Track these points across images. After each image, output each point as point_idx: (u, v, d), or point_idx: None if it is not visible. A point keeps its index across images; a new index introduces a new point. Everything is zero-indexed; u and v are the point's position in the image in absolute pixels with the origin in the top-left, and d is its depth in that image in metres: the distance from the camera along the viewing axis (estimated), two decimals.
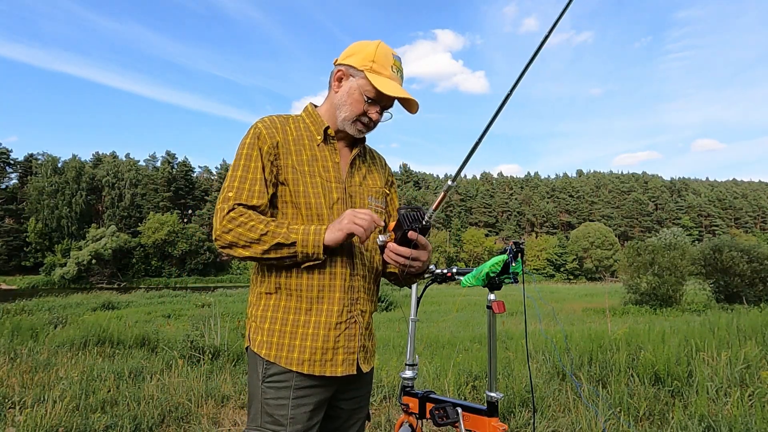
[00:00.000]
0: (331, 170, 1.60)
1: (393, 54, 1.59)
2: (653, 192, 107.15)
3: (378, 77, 1.54)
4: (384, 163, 1.82)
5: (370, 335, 1.67)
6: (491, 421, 1.63)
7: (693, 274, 19.45)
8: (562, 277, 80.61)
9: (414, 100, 1.56)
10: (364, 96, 1.56)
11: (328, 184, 1.57)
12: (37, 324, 8.13)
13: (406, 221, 1.42)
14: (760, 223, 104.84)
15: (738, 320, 7.09)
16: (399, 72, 1.59)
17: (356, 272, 1.58)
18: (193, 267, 70.19)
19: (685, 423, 3.21)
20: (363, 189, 1.66)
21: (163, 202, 77.59)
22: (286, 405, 1.50)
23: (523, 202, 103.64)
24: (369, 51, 1.57)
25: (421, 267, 1.53)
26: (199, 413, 3.74)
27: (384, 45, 1.59)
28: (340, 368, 1.53)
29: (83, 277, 60.14)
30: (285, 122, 1.62)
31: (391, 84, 1.54)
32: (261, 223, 1.43)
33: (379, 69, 1.55)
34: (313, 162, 1.58)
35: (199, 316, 7.70)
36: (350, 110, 1.58)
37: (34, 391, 3.96)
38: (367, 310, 1.63)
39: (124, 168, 76.97)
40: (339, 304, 1.54)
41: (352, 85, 1.58)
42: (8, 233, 66.01)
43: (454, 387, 4.15)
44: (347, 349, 1.55)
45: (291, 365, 1.50)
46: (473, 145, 1.41)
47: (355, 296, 1.58)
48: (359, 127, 1.60)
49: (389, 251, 1.48)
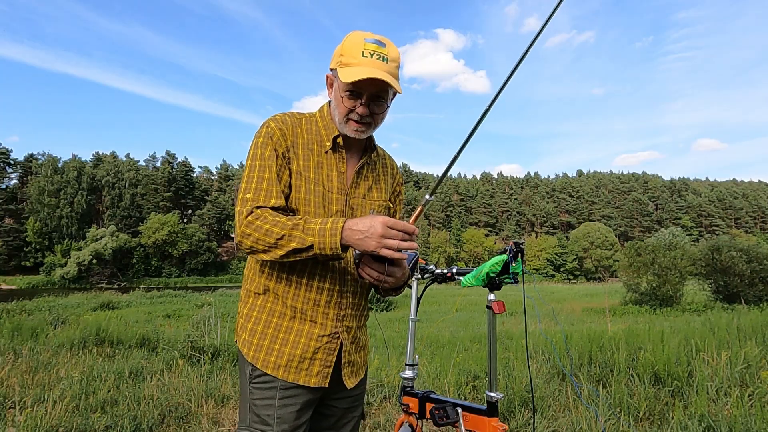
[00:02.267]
0: (335, 180, 1.56)
1: (366, 38, 1.48)
2: (653, 192, 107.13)
3: (345, 69, 1.46)
4: (395, 172, 1.77)
5: (358, 349, 1.66)
6: (491, 421, 1.64)
7: (692, 274, 19.45)
8: (562, 277, 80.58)
9: (383, 80, 1.42)
10: (343, 93, 1.50)
11: (329, 195, 1.55)
12: (38, 324, 8.13)
13: None
14: (760, 223, 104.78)
15: (738, 320, 7.09)
16: (377, 54, 1.46)
17: (346, 288, 1.58)
18: (193, 267, 70.19)
19: (685, 423, 3.21)
20: (366, 202, 1.62)
21: (163, 202, 77.59)
22: (273, 405, 1.52)
23: (523, 202, 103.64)
24: (339, 47, 1.51)
25: (396, 282, 1.50)
26: (199, 413, 3.74)
27: (356, 33, 1.50)
28: (314, 379, 1.54)
29: (83, 277, 60.16)
30: (297, 123, 1.58)
31: (357, 70, 1.44)
32: (277, 226, 1.37)
33: (348, 60, 1.46)
34: (318, 169, 1.55)
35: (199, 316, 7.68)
36: (339, 112, 1.54)
37: (34, 391, 3.95)
38: (353, 326, 1.63)
39: (124, 168, 77.01)
40: (324, 318, 1.55)
41: (335, 86, 1.54)
42: (8, 233, 66.00)
43: (454, 387, 4.14)
44: (324, 362, 1.55)
45: (267, 368, 1.52)
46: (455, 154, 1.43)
47: (342, 312, 1.58)
48: (353, 127, 1.53)
49: (364, 266, 1.45)
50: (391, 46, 1.51)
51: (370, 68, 1.43)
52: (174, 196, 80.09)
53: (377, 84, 1.45)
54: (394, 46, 1.51)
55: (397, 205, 1.78)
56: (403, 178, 1.83)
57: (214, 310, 7.78)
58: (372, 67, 1.44)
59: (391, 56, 1.48)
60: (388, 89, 1.50)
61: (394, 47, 1.51)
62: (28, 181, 71.32)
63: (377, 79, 1.42)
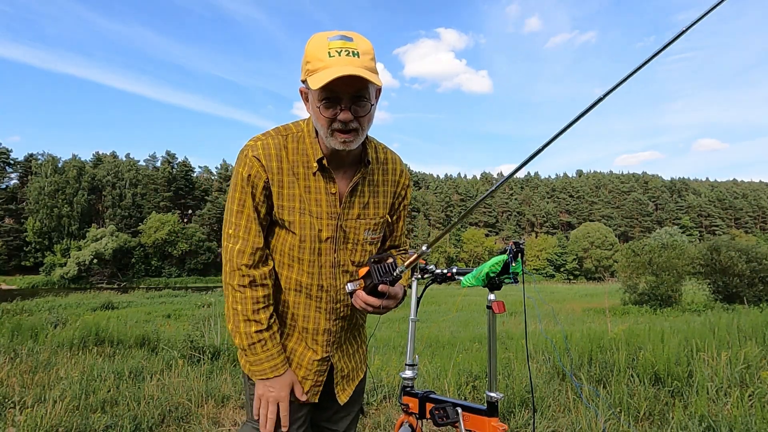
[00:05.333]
0: (324, 204, 1.47)
1: (330, 37, 1.32)
2: (653, 192, 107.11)
3: (313, 77, 1.30)
4: (398, 176, 1.62)
5: (351, 357, 1.69)
6: (491, 421, 1.63)
7: (692, 274, 19.44)
8: (562, 277, 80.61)
9: (357, 75, 1.27)
10: (318, 103, 1.35)
11: (319, 222, 1.47)
12: (37, 324, 8.12)
13: (377, 275, 1.43)
14: (760, 223, 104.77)
15: (738, 320, 7.08)
16: (345, 51, 1.30)
17: (338, 316, 1.59)
18: (193, 267, 70.20)
19: (685, 423, 3.21)
20: (360, 223, 1.52)
21: (164, 202, 77.60)
22: None
23: (523, 202, 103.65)
24: (304, 55, 1.36)
25: (389, 310, 1.52)
26: (199, 413, 3.74)
27: (317, 35, 1.35)
28: (304, 396, 1.58)
29: (83, 277, 60.17)
30: (282, 145, 1.45)
31: (326, 72, 1.27)
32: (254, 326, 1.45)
33: (315, 65, 1.31)
34: (305, 194, 1.46)
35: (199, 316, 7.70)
36: (320, 125, 1.39)
37: (34, 391, 3.95)
38: (345, 346, 1.66)
39: (124, 168, 77.01)
40: (314, 344, 1.58)
41: (310, 99, 1.40)
42: (8, 233, 66.01)
43: (454, 387, 4.14)
44: (315, 382, 1.59)
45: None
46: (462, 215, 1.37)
47: (332, 339, 1.60)
48: (340, 138, 1.37)
49: (358, 299, 1.48)
50: (360, 38, 1.34)
51: (340, 66, 1.27)
52: (174, 196, 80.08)
53: (353, 83, 1.30)
54: (363, 38, 1.35)
55: (401, 211, 1.68)
56: (410, 179, 1.68)
57: (214, 310, 7.78)
58: (342, 65, 1.27)
59: (361, 49, 1.31)
60: (368, 85, 1.33)
61: (362, 39, 1.35)
62: (28, 180, 71.30)
63: (351, 76, 1.26)
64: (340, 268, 1.53)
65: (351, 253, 1.53)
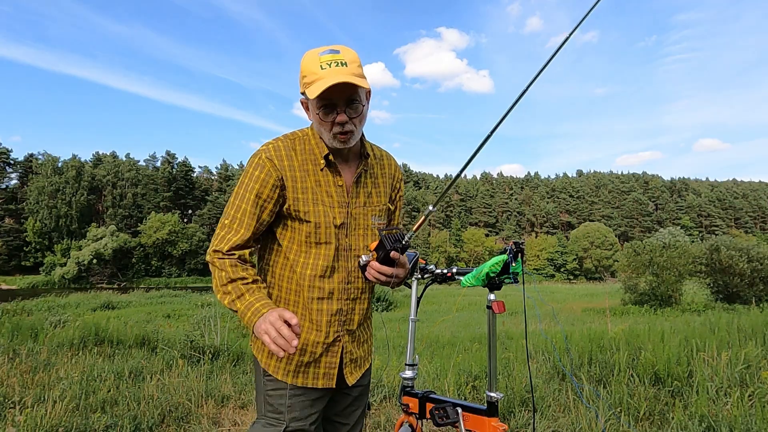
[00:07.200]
0: (334, 195, 1.63)
1: (320, 52, 1.53)
2: (653, 192, 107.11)
3: (310, 88, 1.50)
4: (393, 170, 1.82)
5: (360, 344, 1.75)
6: (491, 421, 1.64)
7: (692, 274, 19.43)
8: (562, 277, 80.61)
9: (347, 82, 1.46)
10: (318, 111, 1.55)
11: (332, 210, 1.62)
12: (37, 324, 8.12)
13: (388, 242, 1.54)
14: (760, 223, 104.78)
15: (738, 320, 7.08)
16: (334, 63, 1.50)
17: (349, 296, 1.67)
18: (193, 267, 70.19)
19: (686, 423, 3.21)
20: (367, 210, 1.70)
21: (164, 202, 77.62)
22: (284, 395, 1.63)
23: (523, 202, 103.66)
24: (300, 71, 1.56)
25: (400, 281, 1.65)
26: (199, 413, 3.74)
27: (309, 53, 1.55)
28: (320, 381, 1.65)
29: (83, 276, 60.17)
30: (291, 146, 1.63)
31: (320, 83, 1.48)
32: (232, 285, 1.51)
33: (310, 78, 1.51)
34: (317, 188, 1.62)
35: (199, 316, 7.69)
36: (323, 130, 1.59)
37: (34, 391, 3.95)
38: (355, 327, 1.71)
39: (124, 168, 77.02)
40: (326, 326, 1.64)
41: (310, 108, 1.60)
42: (8, 233, 66.03)
43: (454, 387, 4.14)
44: (328, 364, 1.66)
45: (278, 374, 1.63)
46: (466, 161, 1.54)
47: (344, 318, 1.67)
48: (341, 139, 1.57)
49: (372, 270, 1.59)
50: (346, 49, 1.55)
51: (332, 77, 1.47)
52: (174, 196, 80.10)
53: (345, 89, 1.50)
54: (349, 49, 1.56)
55: (398, 201, 1.86)
56: (402, 174, 1.90)
57: (214, 310, 7.78)
58: (333, 75, 1.48)
59: (348, 59, 1.52)
60: (358, 90, 1.54)
61: (348, 50, 1.56)
62: (28, 180, 71.33)
63: (342, 83, 1.46)
64: (352, 252, 1.66)
65: (362, 238, 1.69)
